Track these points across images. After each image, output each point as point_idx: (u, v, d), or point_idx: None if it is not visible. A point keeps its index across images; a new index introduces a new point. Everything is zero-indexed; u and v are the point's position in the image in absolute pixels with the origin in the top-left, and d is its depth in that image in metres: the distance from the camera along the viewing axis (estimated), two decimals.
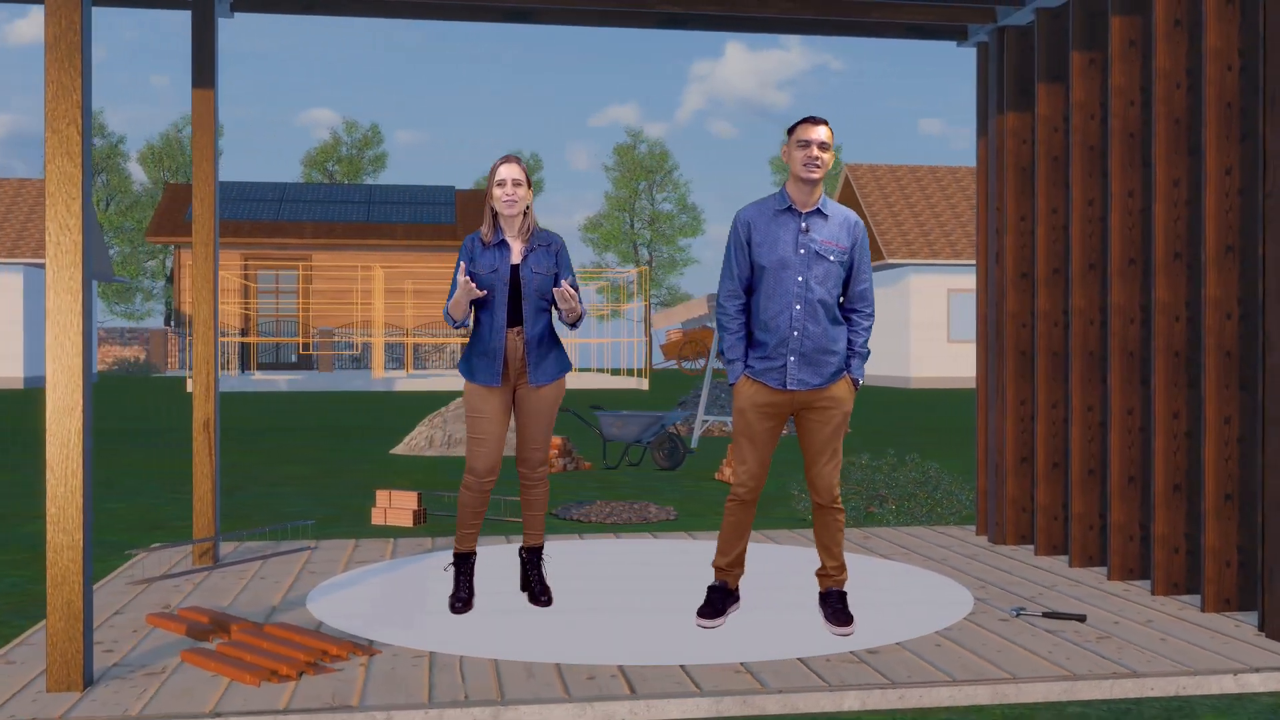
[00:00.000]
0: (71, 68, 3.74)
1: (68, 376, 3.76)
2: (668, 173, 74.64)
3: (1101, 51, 5.87)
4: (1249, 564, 4.94)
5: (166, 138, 67.91)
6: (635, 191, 74.23)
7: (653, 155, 74.66)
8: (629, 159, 74.55)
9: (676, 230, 74.74)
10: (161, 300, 67.02)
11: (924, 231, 37.36)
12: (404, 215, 47.76)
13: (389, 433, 16.90)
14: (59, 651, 3.76)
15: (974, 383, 37.24)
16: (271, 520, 8.07)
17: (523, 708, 3.66)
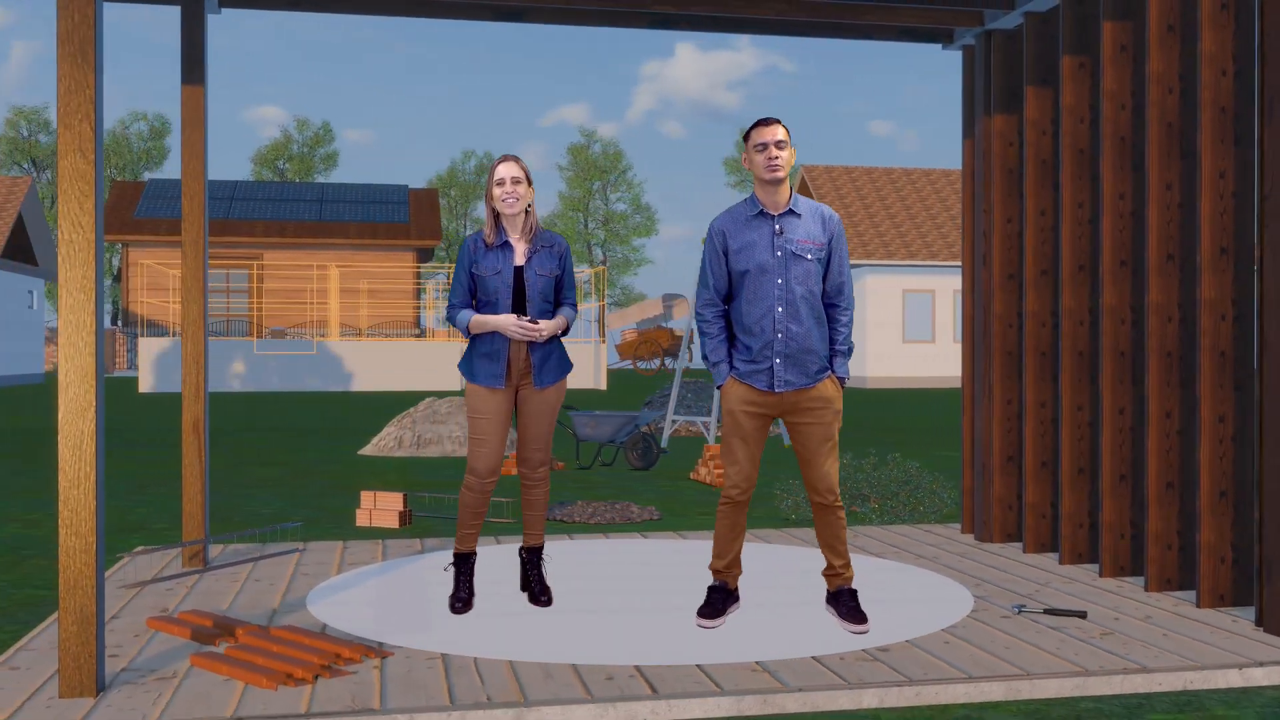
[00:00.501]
0: (85, 63, 3.68)
1: (81, 377, 3.70)
2: (621, 173, 74.77)
3: (1091, 56, 5.95)
4: (1243, 560, 5.03)
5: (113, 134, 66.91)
6: (589, 191, 74.25)
7: (606, 155, 74.75)
8: (583, 159, 74.56)
9: (630, 230, 74.89)
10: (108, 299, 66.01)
11: (880, 233, 37.66)
12: (357, 214, 47.41)
13: (353, 433, 16.77)
14: (71, 657, 3.69)
15: (929, 382, 37.59)
16: (250, 523, 7.98)
17: (545, 709, 3.65)
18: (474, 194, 72.94)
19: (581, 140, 74.85)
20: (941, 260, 36.96)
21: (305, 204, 49.10)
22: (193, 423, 5.87)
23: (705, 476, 10.39)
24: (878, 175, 40.77)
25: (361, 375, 34.87)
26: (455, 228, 72.56)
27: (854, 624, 4.56)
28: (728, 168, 76.38)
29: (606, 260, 74.35)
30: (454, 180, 72.88)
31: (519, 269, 4.93)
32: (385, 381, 34.82)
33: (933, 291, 37.46)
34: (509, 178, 4.88)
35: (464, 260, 5.02)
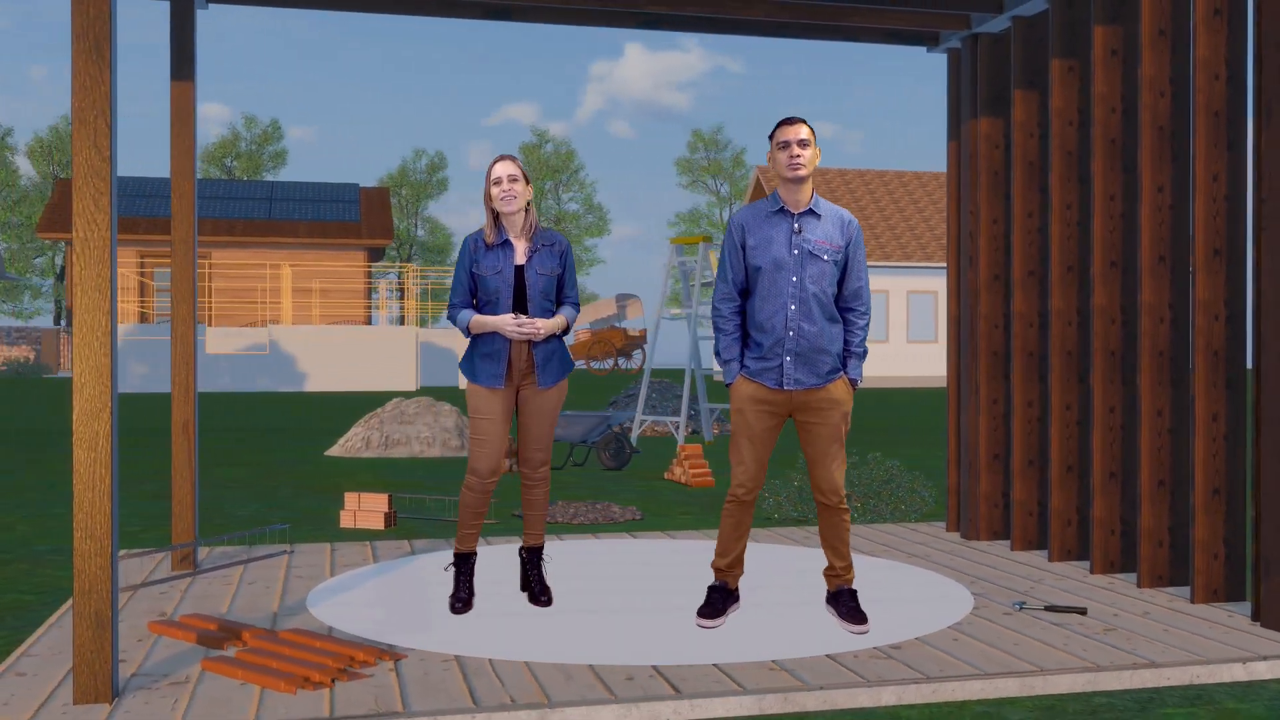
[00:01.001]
0: (100, 59, 3.62)
1: (96, 377, 3.63)
2: (574, 172, 74.67)
3: (1079, 59, 6.03)
4: (1235, 556, 5.13)
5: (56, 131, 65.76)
6: (541, 191, 74.03)
7: (558, 155, 74.60)
8: (535, 158, 74.35)
9: (583, 230, 74.78)
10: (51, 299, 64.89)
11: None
12: (307, 213, 46.99)
13: (315, 434, 16.61)
14: (86, 663, 3.63)
15: (888, 382, 37.90)
16: (227, 525, 7.88)
17: (569, 710, 3.64)
18: (426, 193, 72.51)
19: (533, 140, 74.66)
20: (894, 261, 37.29)
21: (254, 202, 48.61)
22: (182, 424, 5.79)
23: (680, 476, 10.40)
24: (831, 176, 41.05)
25: (316, 375, 34.55)
26: (406, 227, 72.09)
27: (854, 624, 4.58)
28: (679, 168, 76.51)
29: None
30: (405, 179, 72.40)
31: (519, 268, 4.92)
32: (339, 381, 34.54)
33: (886, 292, 37.77)
34: (505, 176, 4.86)
35: (464, 259, 5.00)
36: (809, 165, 4.53)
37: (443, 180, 73.33)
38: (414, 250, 72.69)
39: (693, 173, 75.61)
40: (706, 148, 74.93)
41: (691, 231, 75.60)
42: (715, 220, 75.45)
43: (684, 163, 75.98)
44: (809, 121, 4.58)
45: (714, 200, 75.82)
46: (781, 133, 4.54)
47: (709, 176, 75.33)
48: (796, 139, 4.49)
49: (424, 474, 11.14)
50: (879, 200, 40.37)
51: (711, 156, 74.98)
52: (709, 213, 75.85)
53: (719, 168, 74.99)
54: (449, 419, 13.50)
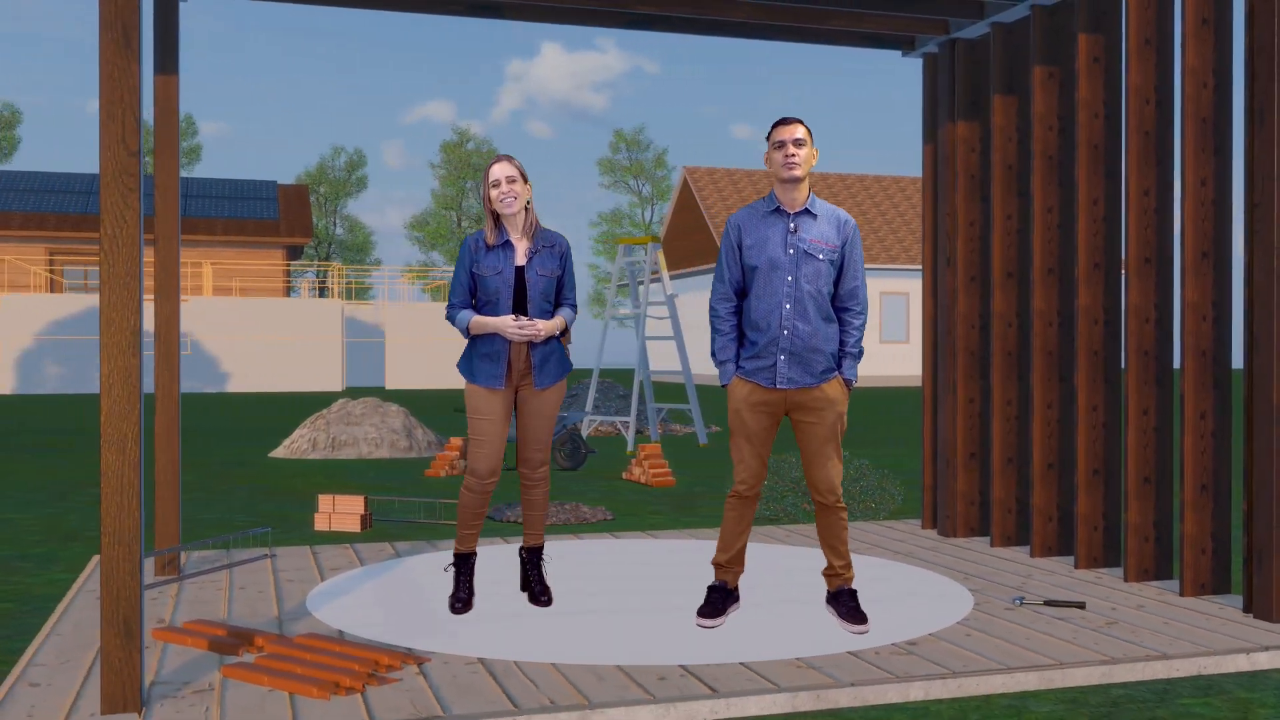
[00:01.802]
0: (128, 50, 3.52)
1: (124, 377, 3.54)
2: None
3: (1060, 66, 6.16)
4: (1221, 551, 5.28)
5: None
6: (463, 190, 73.51)
7: (480, 153, 74.09)
8: (456, 157, 73.80)
9: None
10: None
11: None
12: (224, 210, 46.17)
13: (251, 435, 16.32)
14: (114, 671, 3.53)
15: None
16: (193, 530, 7.72)
17: (609, 710, 3.63)
18: (345, 191, 71.55)
19: (454, 138, 74.06)
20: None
21: None
22: (165, 426, 5.65)
23: (640, 476, 10.41)
24: (758, 178, 41.33)
25: (239, 376, 33.91)
26: (325, 225, 71.08)
27: (854, 624, 4.59)
28: (600, 168, 76.47)
29: None
30: (324, 177, 71.39)
31: (519, 269, 4.90)
32: (263, 382, 33.94)
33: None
34: (504, 178, 4.84)
35: (464, 260, 4.98)
36: (804, 165, 4.56)
37: (362, 178, 72.43)
38: (333, 249, 71.74)
39: (615, 173, 75.62)
40: (629, 148, 75.04)
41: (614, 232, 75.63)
42: (637, 220, 75.57)
43: (606, 163, 75.97)
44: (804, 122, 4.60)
45: (636, 200, 75.91)
46: (777, 133, 4.57)
47: (631, 177, 75.42)
48: (792, 139, 4.52)
49: (375, 475, 11.00)
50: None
51: (634, 157, 75.08)
52: (631, 213, 75.92)
53: (641, 168, 75.11)
54: (396, 420, 13.35)
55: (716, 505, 8.87)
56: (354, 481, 10.50)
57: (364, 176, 72.53)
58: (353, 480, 10.60)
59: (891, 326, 38.14)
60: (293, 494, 9.56)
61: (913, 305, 38.50)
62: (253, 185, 49.93)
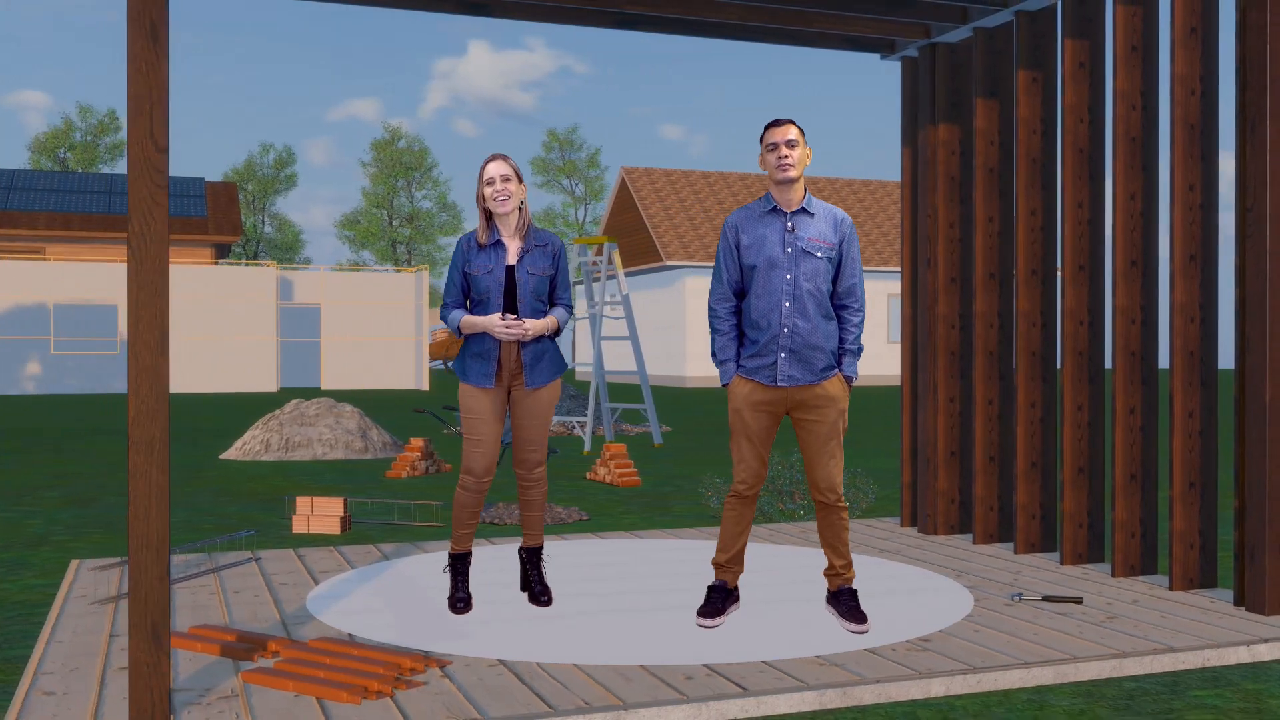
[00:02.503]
0: (157, 45, 3.45)
1: (152, 378, 3.46)
2: (427, 170, 73.68)
3: (1044, 71, 6.28)
4: (1208, 546, 5.41)
5: None
6: (393, 188, 72.87)
7: (411, 152, 73.54)
8: (387, 154, 73.14)
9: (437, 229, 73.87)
10: None
11: (699, 235, 38.35)
12: None
13: (196, 436, 16.03)
14: (142, 678, 3.45)
15: None
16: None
17: (643, 711, 3.63)
18: (273, 189, 70.53)
19: (385, 136, 73.39)
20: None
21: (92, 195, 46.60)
22: None
23: (605, 476, 10.40)
24: (695, 178, 41.51)
25: (172, 376, 33.27)
26: (254, 223, 70.00)
27: (854, 624, 4.60)
28: (534, 167, 76.26)
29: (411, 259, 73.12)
30: (252, 174, 70.31)
31: (510, 268, 4.89)
32: (195, 383, 33.36)
33: None
34: (499, 176, 4.84)
35: (457, 259, 4.98)
36: (798, 166, 4.59)
37: (291, 176, 71.47)
38: (261, 248, 70.70)
39: (548, 173, 75.44)
40: (562, 148, 74.90)
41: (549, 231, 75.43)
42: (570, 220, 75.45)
43: (539, 162, 75.76)
44: (797, 122, 4.65)
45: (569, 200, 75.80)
46: (770, 134, 4.59)
47: (564, 176, 75.29)
48: (784, 140, 4.55)
49: (334, 477, 10.87)
50: (740, 201, 40.99)
51: (566, 156, 74.96)
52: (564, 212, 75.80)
53: (574, 168, 75.02)
54: (351, 421, 13.20)
55: (690, 505, 8.90)
56: (314, 484, 10.36)
57: (293, 174, 71.58)
58: (312, 482, 10.46)
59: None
60: (255, 497, 9.41)
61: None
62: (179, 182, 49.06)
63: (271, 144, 70.99)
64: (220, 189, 49.82)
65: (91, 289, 33.04)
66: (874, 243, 39.76)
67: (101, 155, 67.62)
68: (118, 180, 47.92)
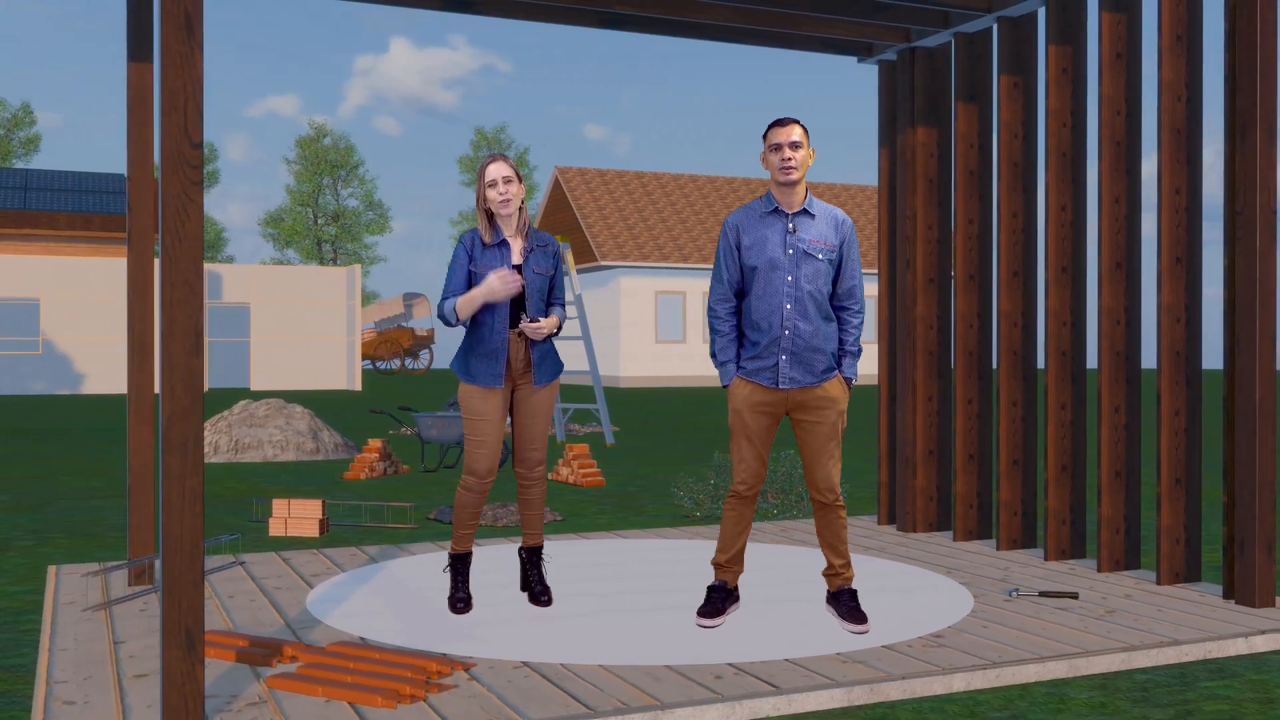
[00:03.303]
0: (191, 37, 3.38)
1: (187, 378, 3.39)
2: (353, 168, 72.83)
3: (1025, 76, 6.39)
4: (1193, 541, 5.56)
5: None
6: (319, 186, 71.91)
7: (337, 149, 72.64)
8: (312, 152, 72.17)
9: (363, 227, 73.05)
10: None
11: (634, 235, 38.39)
12: (68, 204, 44.26)
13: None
14: (175, 685, 3.37)
15: (681, 381, 38.64)
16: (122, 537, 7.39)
17: (679, 710, 3.63)
18: None
19: (310, 133, 72.38)
20: (693, 263, 38.08)
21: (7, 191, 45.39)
22: (143, 429, 5.42)
23: (568, 476, 10.38)
24: (629, 179, 41.54)
25: (95, 377, 32.50)
26: None
27: (854, 624, 4.61)
28: (461, 166, 75.77)
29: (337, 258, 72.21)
30: None
31: (516, 268, 4.87)
32: (112, 383, 32.62)
33: (684, 293, 38.53)
34: (501, 178, 4.83)
35: (460, 257, 4.94)
36: (801, 167, 4.60)
37: (214, 172, 70.17)
38: None
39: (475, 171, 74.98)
40: (490, 147, 74.49)
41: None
42: None
43: (467, 161, 75.29)
44: (801, 122, 4.65)
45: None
46: (773, 135, 4.60)
47: None
48: (788, 141, 4.56)
49: (291, 479, 10.71)
50: (674, 203, 41.12)
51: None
52: None
53: None
54: (302, 422, 13.01)
55: (661, 505, 8.91)
56: (271, 486, 10.19)
57: (216, 170, 70.27)
58: (268, 484, 10.29)
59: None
60: (215, 499, 9.24)
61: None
62: (99, 178, 48.02)
63: None
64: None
65: (11, 285, 32.16)
66: None
67: (14, 150, 65.78)
68: (34, 175, 46.73)
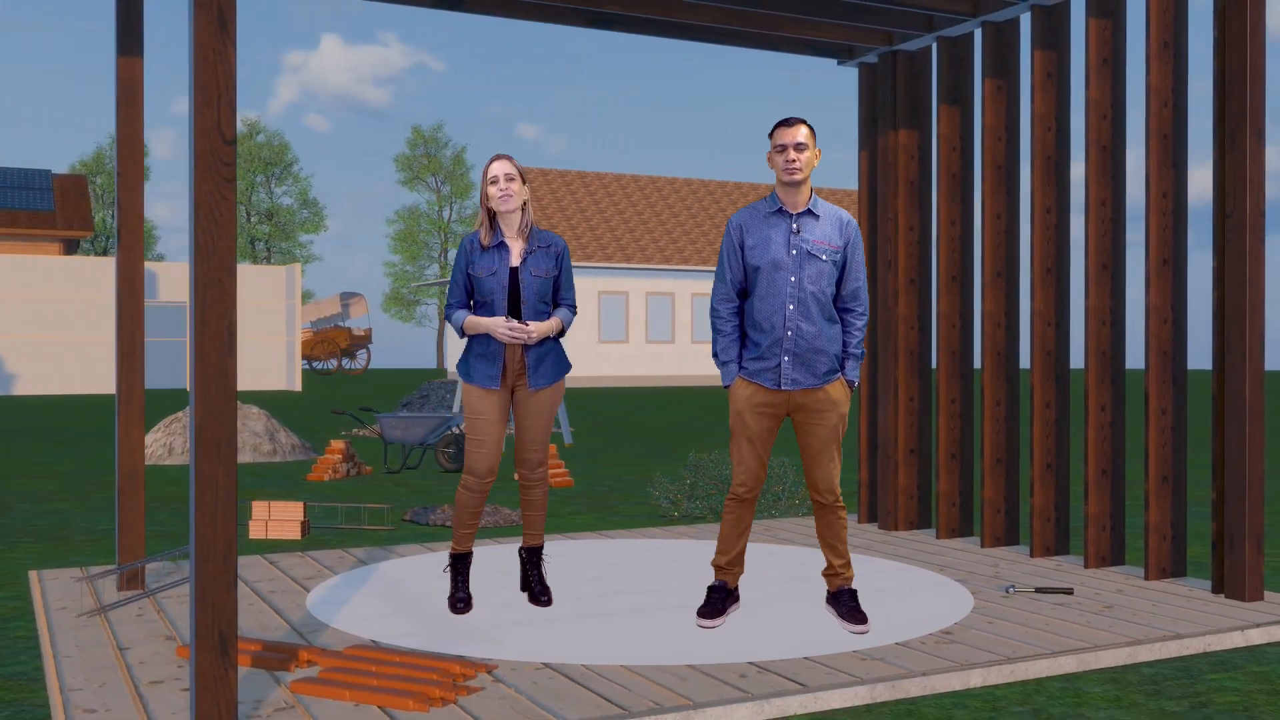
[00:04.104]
0: (225, 33, 3.32)
1: (220, 378, 3.33)
2: (288, 165, 71.89)
3: (1008, 80, 6.49)
4: (1179, 537, 5.68)
5: None
6: (252, 184, 70.87)
7: (271, 147, 71.66)
8: (245, 149, 71.12)
9: (298, 225, 72.14)
10: None
11: (576, 235, 38.32)
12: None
13: (78, 440, 15.35)
14: (209, 691, 3.32)
15: (624, 382, 38.65)
16: (98, 542, 7.24)
17: (710, 710, 3.64)
18: None
19: (243, 129, 71.30)
20: (635, 263, 38.11)
21: None
22: (129, 432, 5.31)
23: None
24: (572, 178, 41.46)
25: (28, 378, 31.74)
26: (104, 218, 67.22)
27: (854, 624, 4.63)
28: (397, 165, 75.12)
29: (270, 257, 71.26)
30: (101, 167, 67.52)
31: (514, 269, 4.86)
32: (45, 384, 31.89)
33: (626, 293, 38.54)
34: (503, 175, 4.83)
35: (460, 260, 4.94)
36: (806, 168, 4.62)
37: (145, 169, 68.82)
38: (111, 244, 67.93)
39: (412, 169, 74.37)
40: (426, 145, 73.94)
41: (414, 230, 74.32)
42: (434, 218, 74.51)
43: (403, 159, 74.65)
44: (807, 122, 4.68)
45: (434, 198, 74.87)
46: (779, 135, 4.61)
47: (429, 174, 74.32)
48: (793, 143, 4.57)
49: (253, 481, 10.56)
50: (617, 203, 41.12)
51: (431, 154, 74.00)
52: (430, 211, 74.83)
53: (439, 165, 74.12)
54: (258, 423, 12.82)
55: (636, 505, 8.91)
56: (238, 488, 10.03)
57: (146, 167, 68.99)
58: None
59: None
60: (180, 501, 9.07)
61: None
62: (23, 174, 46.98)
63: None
64: (69, 182, 47.80)
65: None
66: None
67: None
68: None
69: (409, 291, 74.20)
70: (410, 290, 72.29)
